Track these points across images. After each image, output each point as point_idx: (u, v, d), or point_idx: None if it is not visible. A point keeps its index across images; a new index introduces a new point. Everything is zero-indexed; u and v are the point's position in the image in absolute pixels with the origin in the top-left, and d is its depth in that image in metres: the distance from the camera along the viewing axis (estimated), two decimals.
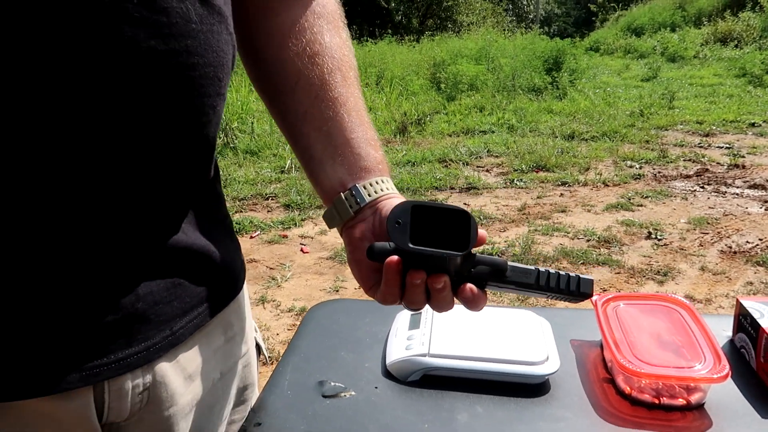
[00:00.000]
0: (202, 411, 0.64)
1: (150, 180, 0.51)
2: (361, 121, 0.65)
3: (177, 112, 0.51)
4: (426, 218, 0.56)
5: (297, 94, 0.64)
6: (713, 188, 4.26)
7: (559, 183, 4.47)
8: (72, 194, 0.47)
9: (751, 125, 6.10)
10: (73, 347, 0.49)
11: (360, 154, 0.63)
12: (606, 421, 0.69)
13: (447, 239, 0.56)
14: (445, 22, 17.32)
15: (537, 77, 8.26)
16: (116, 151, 0.48)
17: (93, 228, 0.49)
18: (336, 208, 0.63)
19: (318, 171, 0.64)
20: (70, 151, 0.45)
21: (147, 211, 0.53)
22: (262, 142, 5.60)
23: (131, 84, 0.47)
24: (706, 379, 0.68)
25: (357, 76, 0.68)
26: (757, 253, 3.20)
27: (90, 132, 0.46)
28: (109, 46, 0.45)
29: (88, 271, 0.49)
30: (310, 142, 0.64)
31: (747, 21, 12.99)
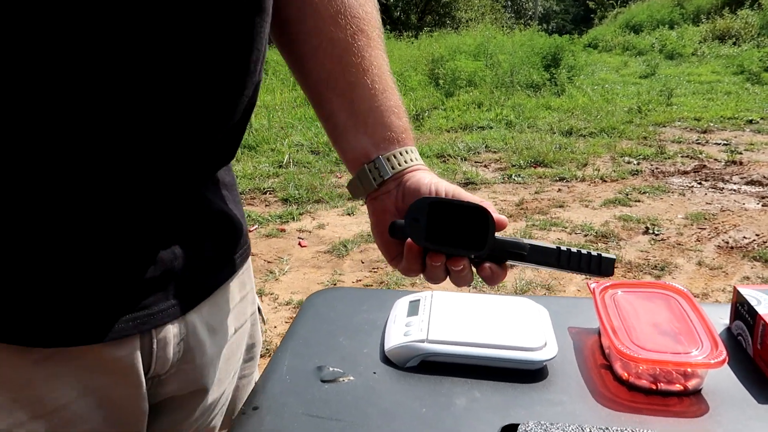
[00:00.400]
0: (222, 363, 0.67)
1: (190, 154, 0.54)
2: (385, 87, 0.64)
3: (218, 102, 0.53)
4: (445, 213, 0.57)
5: (319, 57, 0.63)
6: (710, 184, 4.27)
7: (556, 178, 4.47)
8: (126, 161, 0.49)
9: (749, 122, 6.11)
10: (125, 299, 0.53)
11: (384, 124, 0.62)
12: (603, 406, 0.69)
13: (465, 234, 0.56)
14: (444, 18, 17.30)
15: (535, 74, 8.26)
16: (165, 121, 0.49)
17: (144, 194, 0.52)
18: (360, 179, 0.63)
19: (342, 140, 0.64)
20: (123, 117, 0.47)
21: (185, 180, 0.56)
22: (260, 136, 5.59)
23: (187, 78, 0.49)
24: (703, 364, 0.69)
25: (381, 35, 0.67)
26: (754, 248, 3.21)
27: (137, 102, 0.47)
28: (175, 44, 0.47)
29: (137, 232, 0.53)
30: (333, 109, 0.64)
31: (745, 19, 12.99)
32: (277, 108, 6.80)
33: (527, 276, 2.90)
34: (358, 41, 0.63)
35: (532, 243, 0.58)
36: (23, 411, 0.49)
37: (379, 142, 0.62)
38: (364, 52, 0.63)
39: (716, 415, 0.67)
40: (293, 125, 6.14)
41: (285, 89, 7.65)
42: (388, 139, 0.62)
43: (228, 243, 0.64)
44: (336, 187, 4.34)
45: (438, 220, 0.56)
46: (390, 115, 0.63)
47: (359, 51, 0.63)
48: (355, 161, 0.63)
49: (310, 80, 0.65)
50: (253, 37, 0.53)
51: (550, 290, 2.80)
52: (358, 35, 0.63)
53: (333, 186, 4.38)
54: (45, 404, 0.50)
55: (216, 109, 0.53)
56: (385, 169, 0.61)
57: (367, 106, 0.62)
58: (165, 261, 0.55)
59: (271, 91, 7.54)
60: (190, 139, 0.52)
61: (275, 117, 6.39)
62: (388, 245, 0.63)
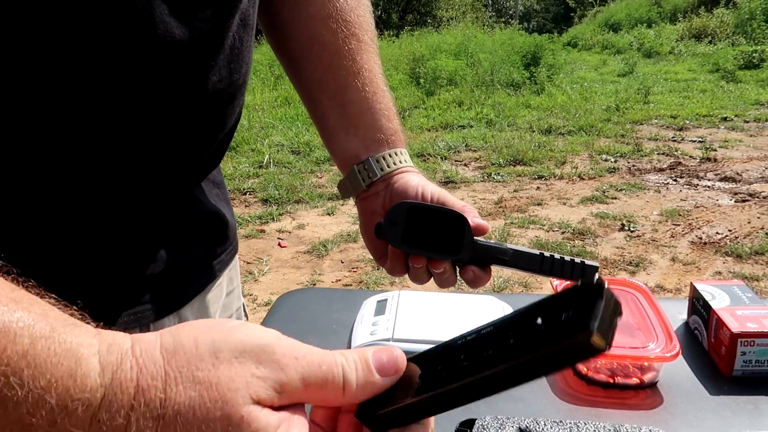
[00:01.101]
0: None
1: (187, 163, 0.55)
2: (376, 90, 0.65)
3: (208, 118, 0.54)
4: (423, 218, 0.58)
5: (311, 59, 0.65)
6: (685, 181, 4.35)
7: (535, 176, 4.51)
8: (128, 171, 0.50)
9: (723, 119, 6.22)
10: (129, 294, 0.54)
11: (374, 126, 0.64)
12: (562, 401, 0.71)
13: (442, 239, 0.58)
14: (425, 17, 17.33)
15: (515, 72, 8.32)
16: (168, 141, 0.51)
17: (147, 198, 0.54)
18: (350, 179, 0.65)
19: (333, 141, 0.66)
20: (121, 140, 0.48)
21: (183, 183, 0.57)
22: (239, 137, 5.57)
23: (184, 106, 0.50)
24: (657, 358, 0.71)
25: (374, 38, 0.68)
26: (726, 243, 3.27)
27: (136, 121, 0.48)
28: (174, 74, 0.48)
29: (141, 232, 0.55)
30: (324, 110, 0.66)
31: (721, 17, 13.20)
32: (257, 108, 6.77)
33: (505, 274, 2.93)
34: (349, 44, 0.65)
35: (515, 248, 0.60)
36: None
37: (369, 143, 0.64)
38: (355, 55, 0.65)
39: (670, 407, 0.70)
40: (273, 125, 6.13)
41: (265, 89, 7.62)
42: (378, 140, 0.64)
43: (219, 239, 0.66)
44: (316, 187, 4.35)
45: (415, 224, 0.58)
46: (380, 118, 0.65)
47: (350, 54, 0.64)
48: (345, 162, 0.65)
49: (303, 81, 0.67)
50: (242, 52, 0.55)
51: (527, 287, 2.83)
52: (349, 39, 0.65)
53: (313, 186, 4.38)
54: None
55: (210, 122, 0.54)
56: (374, 171, 0.63)
57: (358, 108, 0.64)
58: (165, 258, 0.57)
59: (251, 91, 7.51)
60: (187, 150, 0.54)
61: (255, 117, 6.37)
62: (375, 245, 0.65)
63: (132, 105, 0.47)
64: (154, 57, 0.46)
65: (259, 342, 0.32)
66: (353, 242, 3.41)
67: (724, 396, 0.71)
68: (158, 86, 0.47)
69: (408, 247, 0.58)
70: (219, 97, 0.52)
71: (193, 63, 0.48)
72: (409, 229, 0.58)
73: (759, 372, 0.73)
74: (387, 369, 0.34)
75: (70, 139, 0.46)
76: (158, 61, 0.46)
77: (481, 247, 0.59)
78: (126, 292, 0.54)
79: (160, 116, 0.49)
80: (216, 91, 0.51)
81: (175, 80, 0.48)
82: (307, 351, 0.33)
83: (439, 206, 0.59)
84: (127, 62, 0.45)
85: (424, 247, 0.58)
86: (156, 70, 0.46)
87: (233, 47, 0.52)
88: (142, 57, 0.45)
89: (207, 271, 0.64)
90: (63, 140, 0.46)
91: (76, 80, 0.44)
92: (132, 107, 0.47)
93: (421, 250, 0.58)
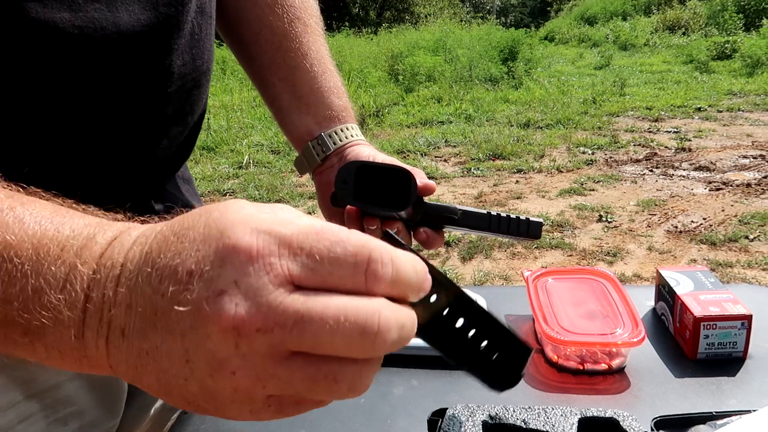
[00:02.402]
0: None
1: (164, 153, 0.56)
2: (324, 69, 0.69)
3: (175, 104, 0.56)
4: (371, 176, 0.61)
5: (261, 43, 0.68)
6: (661, 171, 4.42)
7: (514, 170, 4.56)
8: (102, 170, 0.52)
9: (698, 110, 6.33)
10: None
11: (324, 103, 0.68)
12: (534, 388, 0.73)
13: (390, 194, 0.60)
14: (403, 14, 17.35)
15: (493, 67, 8.38)
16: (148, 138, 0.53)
17: (123, 193, 0.54)
18: (305, 156, 0.68)
19: (287, 121, 0.69)
20: (93, 140, 0.49)
21: (157, 178, 0.59)
22: (218, 137, 5.54)
23: (161, 93, 0.52)
24: (624, 343, 0.73)
25: (319, 23, 0.72)
26: (701, 231, 3.34)
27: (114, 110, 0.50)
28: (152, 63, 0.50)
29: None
30: (276, 91, 0.69)
31: (694, 9, 13.42)
32: (235, 108, 6.73)
33: (485, 267, 2.96)
34: (295, 28, 0.68)
35: (464, 208, 0.62)
36: (18, 390, 0.51)
37: (321, 120, 0.67)
38: (301, 38, 0.68)
39: (636, 390, 0.72)
40: (252, 125, 6.10)
41: (243, 89, 7.58)
42: (329, 117, 0.68)
43: None
44: (297, 187, 4.34)
45: (365, 182, 0.60)
46: (330, 95, 0.68)
47: (297, 37, 0.68)
48: (299, 139, 0.68)
49: (254, 66, 0.70)
50: (202, 39, 0.57)
51: (507, 280, 2.86)
52: (295, 23, 0.68)
53: (294, 185, 4.38)
54: (37, 384, 0.52)
55: (180, 105, 0.56)
56: (328, 145, 0.66)
57: (308, 87, 0.68)
58: None
59: (229, 91, 7.47)
60: (162, 134, 0.55)
61: (234, 117, 6.34)
62: (332, 217, 0.68)
63: (102, 90, 0.48)
64: (119, 41, 0.47)
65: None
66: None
67: (689, 378, 0.73)
68: (126, 70, 0.48)
69: (359, 203, 0.61)
70: (185, 81, 0.54)
71: (156, 46, 0.50)
72: (359, 187, 0.60)
73: (721, 354, 0.76)
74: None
75: (38, 127, 0.46)
76: (123, 44, 0.47)
77: (430, 207, 0.62)
78: None
79: (131, 100, 0.50)
80: (181, 74, 0.53)
81: (141, 63, 0.49)
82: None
83: (385, 164, 0.62)
84: (95, 46, 0.46)
85: (375, 203, 0.60)
86: (122, 53, 0.47)
87: (193, 33, 0.54)
88: (108, 41, 0.46)
89: None
90: (30, 130, 0.46)
91: (42, 67, 0.44)
92: (102, 92, 0.48)
93: (372, 205, 0.61)
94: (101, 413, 0.59)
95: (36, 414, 0.53)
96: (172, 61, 0.52)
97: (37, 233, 0.29)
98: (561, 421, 0.59)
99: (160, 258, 0.27)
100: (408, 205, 0.59)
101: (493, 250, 3.15)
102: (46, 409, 0.53)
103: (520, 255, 3.12)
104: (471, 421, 0.59)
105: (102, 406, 0.59)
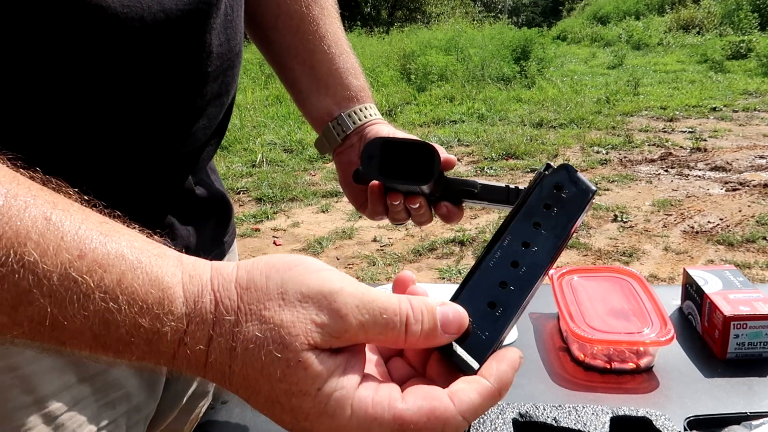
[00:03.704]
0: None
1: (203, 135, 0.57)
2: (341, 50, 0.71)
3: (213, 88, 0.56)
4: (395, 151, 0.62)
5: (279, 28, 0.70)
6: (676, 171, 4.38)
7: (528, 170, 4.53)
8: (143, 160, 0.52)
9: (713, 109, 6.26)
10: None
11: (343, 84, 0.69)
12: (560, 386, 0.73)
13: (415, 169, 0.61)
14: (414, 13, 17.32)
15: (506, 67, 8.33)
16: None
17: (164, 182, 0.56)
18: (325, 136, 0.70)
19: (307, 103, 0.71)
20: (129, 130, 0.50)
21: (192, 167, 0.59)
22: (232, 136, 5.56)
23: (201, 77, 0.53)
24: (652, 342, 0.72)
25: (335, 4, 0.74)
26: (718, 232, 3.30)
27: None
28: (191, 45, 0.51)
29: (160, 212, 0.57)
30: (296, 75, 0.70)
31: (708, 8, 13.28)
32: (248, 107, 6.75)
33: None
34: (312, 11, 0.70)
35: (483, 182, 0.64)
36: (72, 373, 0.52)
37: (340, 101, 0.69)
38: (319, 20, 0.70)
39: (666, 389, 0.71)
40: (265, 124, 6.12)
41: (256, 88, 7.60)
42: (348, 97, 0.69)
43: (224, 221, 0.69)
44: (310, 185, 4.35)
45: (389, 157, 0.62)
46: (348, 76, 0.70)
47: (314, 20, 0.70)
48: (319, 120, 0.70)
49: (273, 50, 0.72)
50: (234, 21, 0.57)
51: None
52: (312, 6, 0.70)
53: (307, 184, 4.38)
54: (90, 368, 0.53)
55: (219, 84, 0.56)
56: (347, 125, 0.68)
57: (326, 69, 0.69)
58: (183, 237, 0.60)
59: (242, 90, 7.49)
60: (201, 115, 0.56)
61: (247, 116, 6.36)
62: (355, 194, 0.69)
63: (146, 71, 0.48)
64: (165, 21, 0.47)
65: (323, 289, 0.33)
66: (348, 239, 3.42)
67: (719, 378, 0.72)
68: (169, 50, 0.49)
69: (384, 177, 0.62)
70: (222, 60, 0.55)
71: (197, 26, 0.51)
72: (385, 162, 0.62)
73: (752, 354, 0.75)
74: (450, 326, 0.35)
75: (86, 108, 0.46)
76: (168, 25, 0.48)
77: (451, 181, 0.63)
78: None
79: (173, 80, 0.50)
80: (219, 54, 0.54)
81: (184, 43, 0.50)
82: (372, 298, 0.34)
83: (409, 139, 0.63)
84: (142, 27, 0.46)
85: (399, 177, 0.62)
86: (166, 33, 0.48)
87: (227, 14, 0.55)
88: (155, 22, 0.47)
89: (215, 251, 0.67)
90: (76, 116, 0.46)
91: (93, 48, 0.44)
92: (146, 73, 0.48)
93: (397, 180, 0.62)
94: (145, 397, 0.59)
95: (88, 398, 0.53)
96: (211, 40, 0.52)
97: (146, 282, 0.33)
98: (593, 419, 0.58)
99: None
100: (432, 178, 0.60)
101: None
102: (96, 393, 0.54)
103: None
104: (501, 418, 0.59)
105: (146, 390, 0.59)
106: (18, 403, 0.49)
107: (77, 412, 0.52)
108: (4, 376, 0.48)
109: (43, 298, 0.30)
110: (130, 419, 0.58)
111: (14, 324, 0.31)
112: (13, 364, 0.48)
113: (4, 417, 0.48)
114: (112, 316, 0.31)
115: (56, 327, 0.31)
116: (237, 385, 0.33)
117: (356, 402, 0.33)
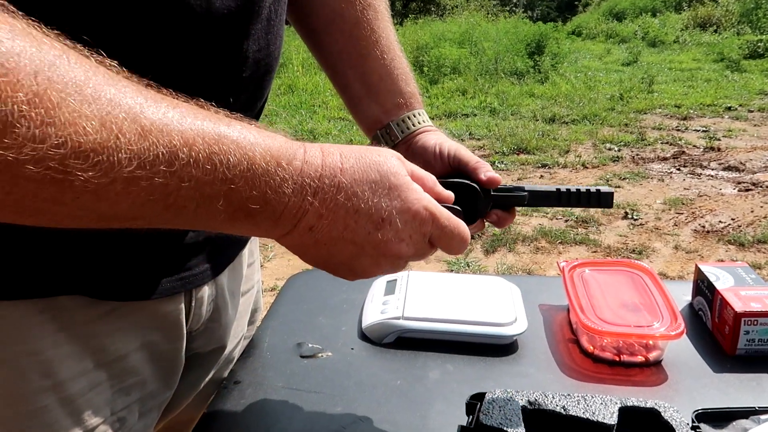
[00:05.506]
0: (235, 322, 0.73)
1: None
2: (393, 56, 0.70)
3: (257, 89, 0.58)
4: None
5: (332, 32, 0.69)
6: (689, 170, 4.35)
7: (539, 165, 4.52)
8: None
9: (728, 109, 6.20)
10: (175, 261, 0.58)
11: (393, 91, 0.69)
12: (569, 377, 0.73)
13: (460, 207, 0.60)
14: (428, 5, 17.22)
15: (519, 61, 8.28)
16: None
17: None
18: (375, 145, 0.69)
19: (357, 110, 0.71)
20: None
21: None
22: None
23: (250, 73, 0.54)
24: (662, 336, 0.72)
25: (387, 5, 0.72)
26: (729, 232, 3.28)
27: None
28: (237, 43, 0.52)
29: None
30: (347, 80, 0.70)
31: (726, 6, 13.10)
32: None
33: (508, 261, 2.95)
34: (367, 15, 0.68)
35: (531, 188, 0.64)
36: (90, 359, 0.53)
37: (390, 108, 0.69)
38: (373, 24, 0.69)
39: (674, 383, 0.71)
40: (277, 113, 6.12)
41: None
42: (398, 105, 0.69)
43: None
44: None
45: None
46: (399, 82, 0.69)
47: (369, 24, 0.68)
48: (370, 128, 0.70)
49: (325, 54, 0.71)
50: (276, 24, 0.58)
51: (531, 274, 2.85)
52: (366, 9, 0.69)
53: None
54: (107, 354, 0.54)
55: (253, 90, 0.57)
56: (396, 134, 0.68)
57: (378, 76, 0.68)
58: (205, 231, 0.60)
59: None
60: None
61: None
62: None
63: (184, 70, 0.48)
64: (196, 26, 0.47)
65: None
66: None
67: (728, 374, 0.72)
68: (208, 52, 0.49)
69: None
70: (258, 66, 0.55)
71: (237, 30, 0.51)
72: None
73: (762, 350, 0.75)
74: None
75: None
76: (213, 25, 0.48)
77: (499, 197, 0.63)
78: (174, 259, 0.58)
79: (207, 83, 0.51)
80: (255, 60, 0.54)
81: (221, 47, 0.50)
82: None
83: (452, 180, 0.62)
84: (173, 30, 0.46)
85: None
86: (209, 34, 0.48)
87: (270, 18, 0.55)
88: (185, 27, 0.47)
89: (237, 241, 0.68)
90: None
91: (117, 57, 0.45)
92: (184, 72, 0.48)
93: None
94: (160, 385, 0.60)
95: (103, 383, 0.54)
96: (248, 46, 0.52)
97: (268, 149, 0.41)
98: (601, 409, 0.59)
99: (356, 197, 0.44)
100: (476, 220, 0.61)
101: (516, 244, 3.14)
102: (112, 379, 0.55)
103: (543, 250, 3.10)
104: (510, 406, 0.59)
105: (161, 378, 0.60)
106: (37, 386, 0.50)
107: (93, 396, 0.53)
108: (26, 359, 0.50)
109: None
110: (144, 405, 0.59)
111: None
112: (35, 349, 0.50)
113: (24, 399, 0.50)
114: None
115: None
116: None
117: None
